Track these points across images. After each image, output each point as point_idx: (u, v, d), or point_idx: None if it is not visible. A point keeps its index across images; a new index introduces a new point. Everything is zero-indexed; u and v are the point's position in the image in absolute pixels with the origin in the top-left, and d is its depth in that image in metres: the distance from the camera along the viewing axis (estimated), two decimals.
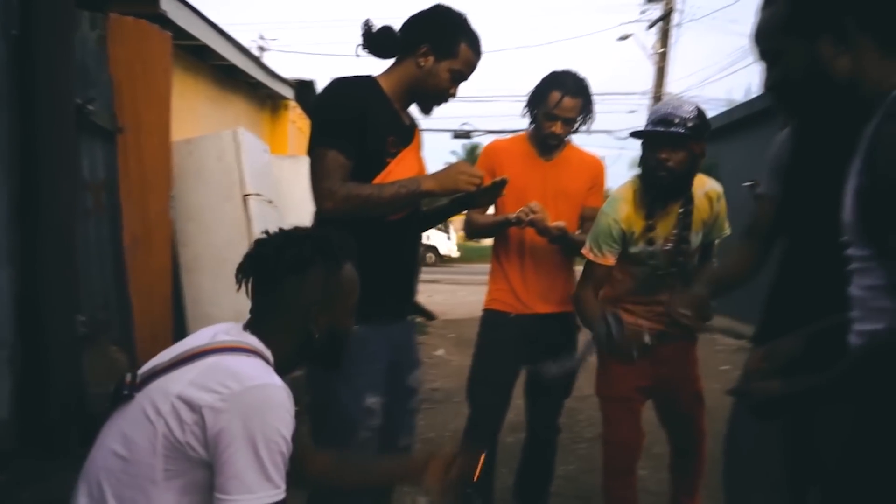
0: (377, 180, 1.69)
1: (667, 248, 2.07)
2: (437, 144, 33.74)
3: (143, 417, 1.12)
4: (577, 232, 2.32)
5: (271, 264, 1.26)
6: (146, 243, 3.57)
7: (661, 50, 14.14)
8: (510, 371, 2.37)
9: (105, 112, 3.30)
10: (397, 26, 1.79)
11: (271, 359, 1.24)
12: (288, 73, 7.27)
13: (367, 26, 1.76)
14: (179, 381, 1.13)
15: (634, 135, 2.03)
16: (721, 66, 58.30)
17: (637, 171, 2.14)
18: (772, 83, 1.15)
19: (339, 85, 1.73)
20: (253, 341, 1.22)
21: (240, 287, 1.30)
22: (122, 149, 3.40)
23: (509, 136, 2.65)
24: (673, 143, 1.93)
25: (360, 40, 1.77)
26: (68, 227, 2.61)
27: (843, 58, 1.03)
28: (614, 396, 2.22)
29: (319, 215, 1.69)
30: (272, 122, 7.61)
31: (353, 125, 1.66)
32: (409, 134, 1.81)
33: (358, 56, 1.81)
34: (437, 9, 1.79)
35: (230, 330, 1.26)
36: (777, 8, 1.08)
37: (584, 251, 2.16)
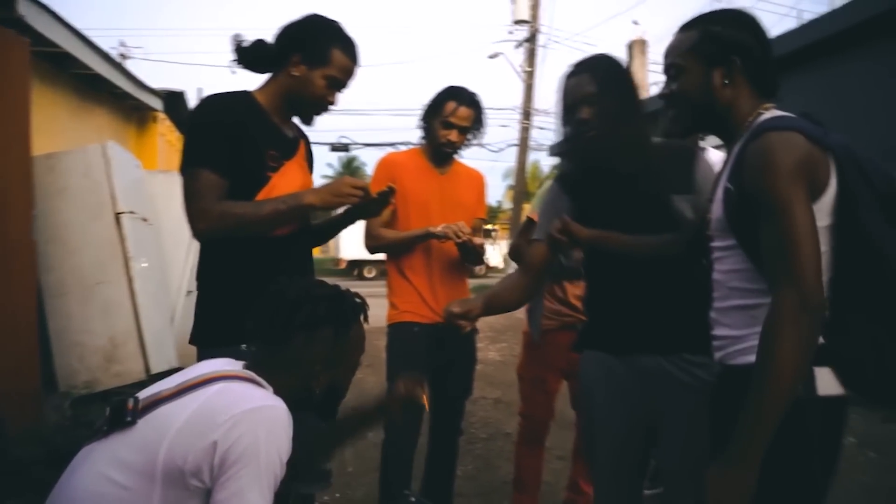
0: (261, 195, 1.66)
1: None
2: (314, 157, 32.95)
3: (145, 444, 1.09)
4: None
5: (284, 318, 1.27)
6: (5, 268, 3.24)
7: (529, 69, 14.99)
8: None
9: None
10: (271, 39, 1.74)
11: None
12: (156, 83, 6.89)
13: (238, 41, 1.72)
14: (186, 408, 1.12)
15: None
16: None
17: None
18: (668, 93, 1.38)
19: (212, 101, 1.69)
20: (255, 377, 1.23)
21: (248, 325, 1.31)
22: None
23: (390, 148, 2.75)
24: None
25: (232, 56, 1.73)
26: None
27: (728, 89, 1.28)
28: (529, 377, 2.66)
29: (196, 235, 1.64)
30: (139, 135, 7.15)
31: (227, 142, 1.62)
32: (291, 146, 1.79)
33: (234, 73, 1.77)
34: (306, 17, 1.77)
35: (232, 363, 1.26)
36: (690, 33, 1.33)
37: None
